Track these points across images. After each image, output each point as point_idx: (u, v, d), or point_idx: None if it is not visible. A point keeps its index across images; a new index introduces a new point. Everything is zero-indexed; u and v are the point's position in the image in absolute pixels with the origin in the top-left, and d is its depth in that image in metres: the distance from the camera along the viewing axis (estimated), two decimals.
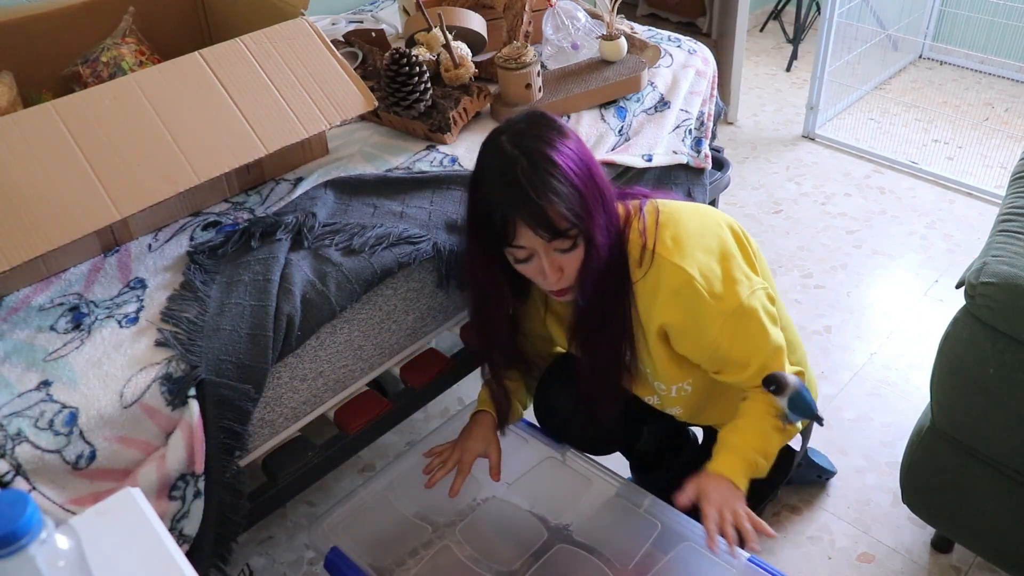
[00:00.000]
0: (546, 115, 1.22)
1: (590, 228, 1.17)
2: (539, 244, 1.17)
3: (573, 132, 1.22)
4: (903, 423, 1.90)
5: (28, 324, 1.25)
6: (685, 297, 1.20)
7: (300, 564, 1.68)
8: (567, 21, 1.92)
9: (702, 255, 1.22)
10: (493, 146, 1.19)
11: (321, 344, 1.35)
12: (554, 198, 1.13)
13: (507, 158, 1.15)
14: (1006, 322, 1.20)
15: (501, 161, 1.16)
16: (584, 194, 1.16)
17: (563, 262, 1.19)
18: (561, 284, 1.22)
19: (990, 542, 1.43)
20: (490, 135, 1.21)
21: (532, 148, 1.15)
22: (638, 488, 1.37)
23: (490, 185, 1.17)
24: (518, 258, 1.20)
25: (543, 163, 1.14)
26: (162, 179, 1.32)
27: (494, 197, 1.16)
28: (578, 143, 1.20)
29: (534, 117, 1.21)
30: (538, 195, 1.13)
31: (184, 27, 1.86)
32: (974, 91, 3.33)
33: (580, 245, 1.18)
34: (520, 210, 1.14)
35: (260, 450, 1.35)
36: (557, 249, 1.17)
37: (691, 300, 1.20)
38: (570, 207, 1.14)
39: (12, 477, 1.07)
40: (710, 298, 1.20)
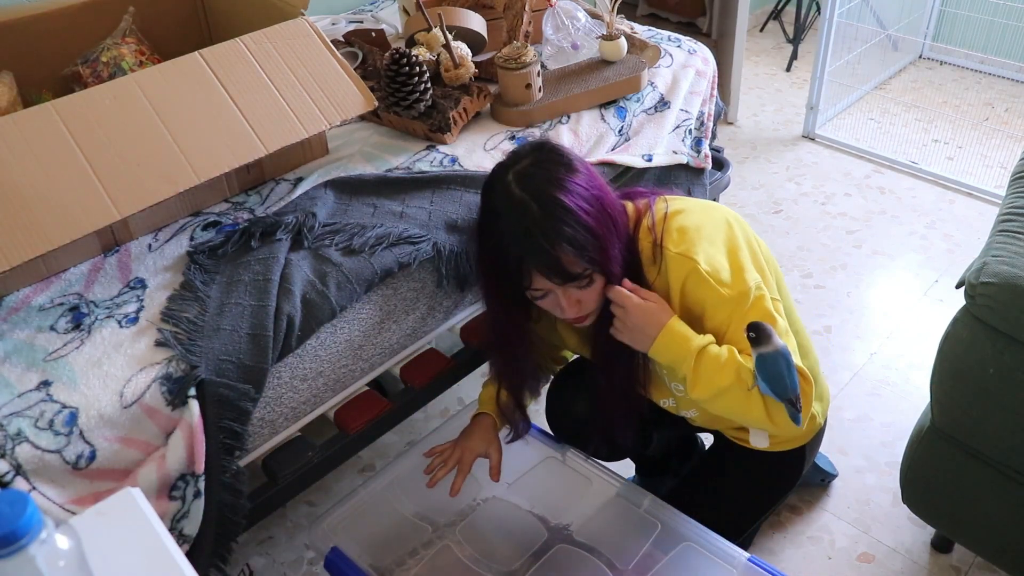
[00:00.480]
0: (553, 148, 1.20)
1: (605, 265, 1.17)
2: (556, 287, 1.17)
3: (581, 162, 1.20)
4: (903, 423, 1.90)
5: (28, 324, 1.25)
6: (692, 285, 1.20)
7: (300, 564, 1.68)
8: (567, 21, 1.92)
9: (708, 245, 1.22)
10: (500, 188, 1.16)
11: (321, 344, 1.35)
12: (567, 247, 1.12)
13: (517, 204, 1.13)
14: (1006, 322, 1.20)
15: (511, 207, 1.14)
16: (598, 233, 1.15)
17: (580, 296, 1.19)
18: (579, 315, 1.22)
19: (990, 542, 1.43)
20: (495, 173, 1.19)
21: (542, 192, 1.13)
22: (638, 488, 1.37)
23: (502, 232, 1.16)
24: (535, 296, 1.21)
25: (555, 209, 1.12)
26: (162, 179, 1.32)
27: (507, 244, 1.15)
28: (587, 175, 1.18)
29: (541, 152, 1.18)
30: (552, 245, 1.11)
31: (184, 27, 1.86)
32: (974, 91, 3.33)
33: (597, 281, 1.18)
34: (534, 259, 1.13)
35: (260, 450, 1.35)
36: (573, 287, 1.18)
37: (698, 288, 1.20)
38: (584, 252, 1.13)
39: (12, 477, 1.07)
40: (717, 285, 1.19)
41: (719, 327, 1.22)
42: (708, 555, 1.25)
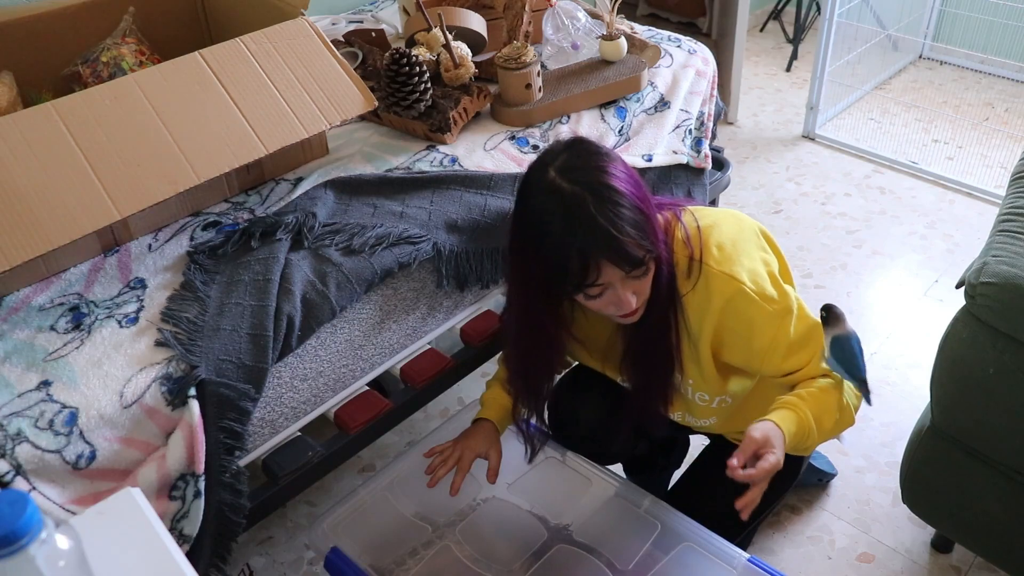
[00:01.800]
0: (586, 140, 1.18)
1: (657, 248, 1.15)
2: (618, 277, 1.13)
3: (613, 151, 1.19)
4: (903, 423, 1.90)
5: (28, 324, 1.25)
6: (739, 305, 1.19)
7: (300, 564, 1.68)
8: (567, 21, 1.92)
9: (747, 260, 1.21)
10: (545, 186, 1.11)
11: (321, 344, 1.35)
12: (631, 230, 1.09)
13: (571, 196, 1.09)
14: (1006, 322, 1.20)
15: (564, 201, 1.09)
16: (648, 215, 1.14)
17: (637, 287, 1.16)
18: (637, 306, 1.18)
19: (990, 542, 1.43)
20: (535, 173, 1.15)
21: (592, 181, 1.10)
22: (638, 488, 1.37)
23: (560, 230, 1.09)
24: (591, 295, 1.15)
25: (611, 194, 1.10)
26: (162, 179, 1.32)
27: (567, 241, 1.10)
28: (623, 162, 1.17)
29: (576, 145, 1.16)
30: (619, 231, 1.08)
31: (184, 27, 1.86)
32: (974, 91, 3.33)
33: (651, 268, 1.16)
34: (602, 249, 1.09)
35: (260, 450, 1.35)
36: (633, 277, 1.15)
37: (745, 308, 1.19)
38: (644, 234, 1.12)
39: (12, 477, 1.07)
40: (763, 302, 1.19)
41: (768, 344, 1.21)
42: (708, 555, 1.25)
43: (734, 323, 1.22)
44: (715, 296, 1.20)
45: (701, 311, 1.22)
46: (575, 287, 1.13)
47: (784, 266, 1.32)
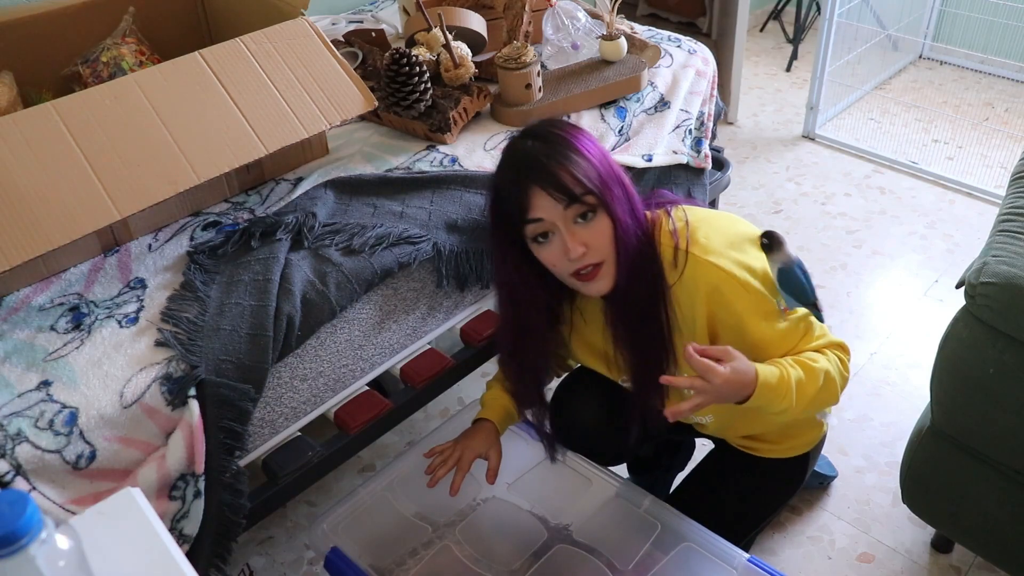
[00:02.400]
0: (562, 119, 1.27)
1: (608, 197, 1.18)
2: (557, 215, 1.16)
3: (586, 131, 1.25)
4: (903, 423, 1.90)
5: (28, 324, 1.25)
6: (726, 293, 1.20)
7: (300, 564, 1.68)
8: (567, 21, 1.92)
9: (736, 254, 1.22)
10: (511, 144, 1.25)
11: (321, 344, 1.35)
12: (567, 163, 1.16)
13: (522, 146, 1.21)
14: (1006, 322, 1.20)
15: (516, 149, 1.22)
16: (598, 167, 1.19)
17: (585, 235, 1.17)
18: (587, 259, 1.18)
19: (990, 542, 1.43)
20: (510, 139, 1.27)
21: (546, 132, 1.20)
22: (638, 488, 1.37)
23: (505, 169, 1.22)
24: (537, 235, 1.19)
25: (556, 141, 1.19)
26: (162, 179, 1.32)
27: (508, 176, 1.20)
28: (593, 140, 1.24)
29: (550, 119, 1.26)
30: (549, 161, 1.16)
31: (184, 27, 1.86)
32: (974, 91, 3.33)
33: (601, 217, 1.18)
34: (533, 177, 1.16)
35: (260, 450, 1.35)
36: (576, 217, 1.17)
37: (732, 297, 1.20)
38: (583, 172, 1.17)
39: (12, 477, 1.07)
40: (748, 294, 1.20)
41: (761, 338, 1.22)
42: (708, 555, 1.25)
43: (723, 314, 1.22)
44: (700, 284, 1.21)
45: (691, 301, 1.23)
46: (518, 222, 1.19)
47: None
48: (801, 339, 1.25)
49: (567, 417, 1.46)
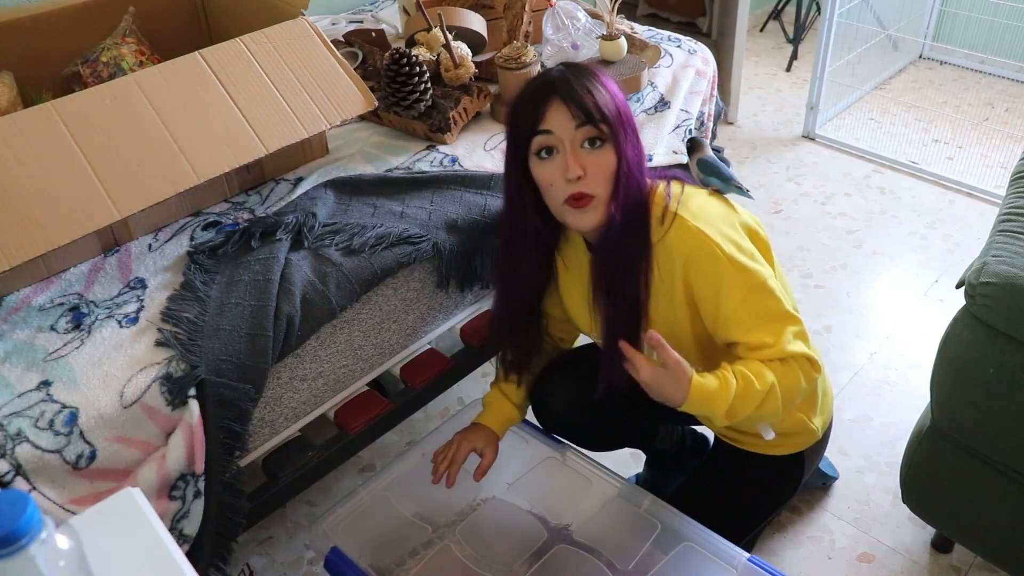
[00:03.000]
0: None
1: (620, 135, 1.19)
2: (567, 131, 1.17)
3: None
4: (903, 423, 1.90)
5: (28, 324, 1.25)
6: (707, 261, 1.19)
7: (300, 564, 1.68)
8: (567, 21, 1.92)
9: (726, 228, 1.22)
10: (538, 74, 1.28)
11: (321, 344, 1.35)
12: (592, 88, 1.18)
13: (548, 71, 1.23)
14: (1006, 322, 1.20)
15: (543, 73, 1.24)
16: (620, 107, 1.20)
17: (587, 161, 1.18)
18: (582, 185, 1.18)
19: (990, 542, 1.43)
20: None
21: (575, 64, 1.24)
22: (638, 488, 1.37)
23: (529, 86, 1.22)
24: (543, 148, 1.19)
25: (584, 71, 1.21)
26: (162, 179, 1.32)
27: (530, 90, 1.21)
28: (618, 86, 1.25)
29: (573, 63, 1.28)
30: (575, 81, 1.18)
31: (184, 27, 1.86)
32: (974, 91, 3.33)
33: (607, 150, 1.18)
34: (555, 89, 1.18)
35: (260, 450, 1.35)
36: (584, 140, 1.18)
37: (713, 264, 1.18)
38: (605, 102, 1.18)
39: (12, 477, 1.07)
40: (731, 267, 1.18)
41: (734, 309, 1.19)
42: (708, 555, 1.25)
43: (701, 284, 1.20)
44: (682, 247, 1.20)
45: (671, 263, 1.22)
46: (529, 131, 1.19)
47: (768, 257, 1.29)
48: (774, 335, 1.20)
49: (544, 401, 1.47)
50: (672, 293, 1.25)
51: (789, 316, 1.22)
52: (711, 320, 1.23)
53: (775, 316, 1.21)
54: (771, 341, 1.19)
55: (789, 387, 1.19)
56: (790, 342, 1.20)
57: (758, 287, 1.19)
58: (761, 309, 1.20)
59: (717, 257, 1.18)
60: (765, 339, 1.19)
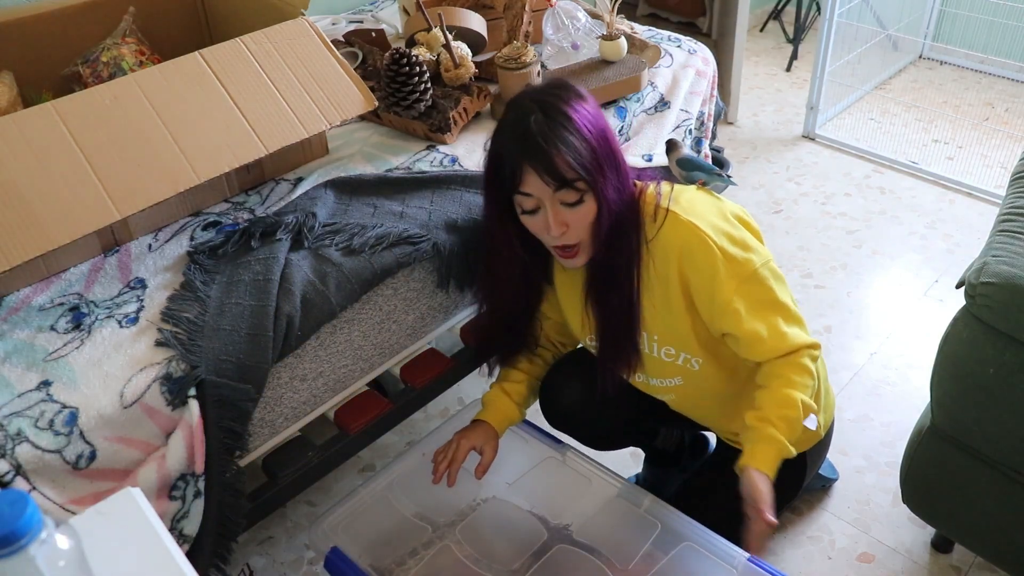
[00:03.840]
0: (568, 82, 1.26)
1: (599, 183, 1.19)
2: (546, 194, 1.18)
3: (593, 100, 1.25)
4: (903, 423, 1.90)
5: (28, 324, 1.25)
6: (700, 254, 1.21)
7: (300, 564, 1.68)
8: (567, 21, 1.92)
9: (718, 219, 1.24)
10: (514, 102, 1.24)
11: (321, 344, 1.35)
12: (562, 147, 1.16)
13: (523, 110, 1.20)
14: (1006, 322, 1.20)
15: (517, 113, 1.21)
16: (595, 149, 1.19)
17: (569, 217, 1.20)
18: (565, 239, 1.22)
19: (990, 542, 1.43)
20: (514, 96, 1.26)
21: (548, 103, 1.20)
22: (638, 488, 1.37)
23: (503, 134, 1.22)
24: (525, 208, 1.22)
25: (556, 115, 1.18)
26: (162, 179, 1.32)
27: (506, 144, 1.20)
28: (595, 109, 1.24)
29: (556, 81, 1.26)
30: (547, 142, 1.16)
31: (184, 27, 1.86)
32: (974, 91, 3.33)
33: (588, 202, 1.19)
34: (528, 156, 1.17)
35: (260, 450, 1.35)
36: (563, 202, 1.19)
37: (706, 257, 1.21)
38: (579, 159, 1.17)
39: (12, 477, 1.07)
40: (723, 258, 1.20)
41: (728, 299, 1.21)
42: (708, 555, 1.25)
43: (696, 277, 1.23)
44: (676, 242, 1.23)
45: (665, 258, 1.24)
46: (509, 190, 1.21)
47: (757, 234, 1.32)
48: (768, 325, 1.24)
49: (552, 398, 1.48)
50: (668, 289, 1.26)
51: (780, 304, 1.25)
52: (707, 311, 1.26)
53: (767, 304, 1.24)
54: (765, 333, 1.23)
55: (807, 384, 1.24)
56: (783, 335, 1.24)
57: (750, 276, 1.23)
58: (753, 298, 1.23)
59: (710, 249, 1.21)
60: (759, 330, 1.23)
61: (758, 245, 1.26)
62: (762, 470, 1.19)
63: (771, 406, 1.22)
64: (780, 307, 1.25)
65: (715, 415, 1.46)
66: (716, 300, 1.22)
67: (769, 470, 1.20)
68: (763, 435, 1.21)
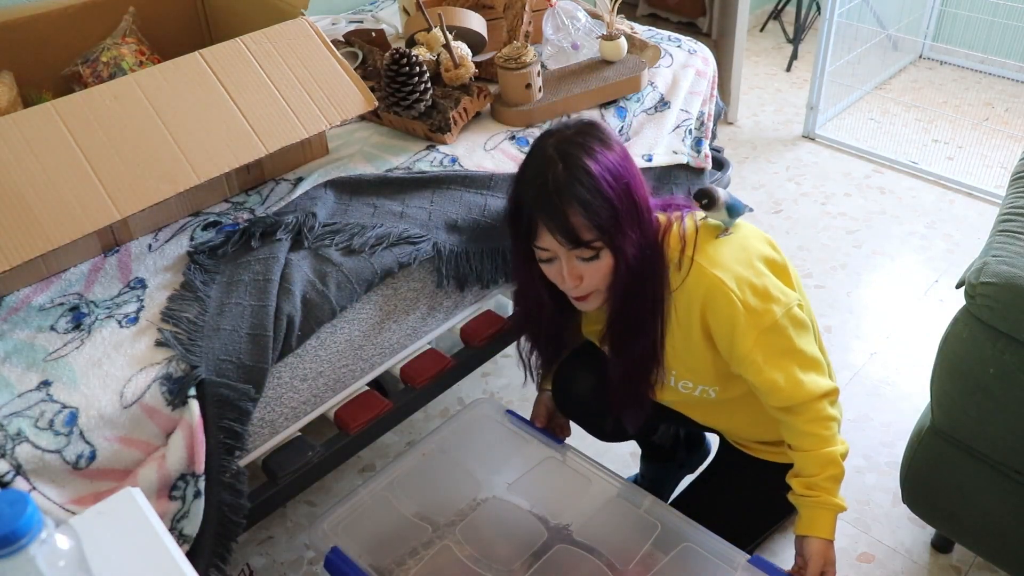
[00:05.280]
0: (598, 126, 1.23)
1: (617, 242, 1.17)
2: (561, 251, 1.18)
3: (621, 146, 1.22)
4: (903, 423, 1.90)
5: (28, 324, 1.25)
6: (722, 306, 1.20)
7: (300, 564, 1.68)
8: (567, 21, 1.92)
9: (741, 268, 1.22)
10: (538, 147, 1.21)
11: (321, 344, 1.35)
12: (579, 208, 1.14)
13: (545, 160, 1.17)
14: (1006, 322, 1.20)
15: (539, 162, 1.18)
16: (616, 207, 1.16)
17: (584, 271, 1.20)
18: (579, 292, 1.23)
19: (990, 542, 1.43)
20: (540, 136, 1.23)
21: (571, 154, 1.16)
22: (638, 488, 1.37)
23: (524, 183, 1.20)
24: (541, 258, 1.22)
25: (577, 172, 1.15)
26: (162, 179, 1.32)
27: (525, 195, 1.19)
28: (622, 158, 1.20)
29: (584, 126, 1.22)
30: (563, 201, 1.14)
31: (184, 27, 1.86)
32: (974, 91, 3.33)
33: (604, 258, 1.19)
34: (543, 213, 1.15)
35: (260, 450, 1.35)
36: (579, 258, 1.18)
37: (728, 309, 1.20)
38: (596, 219, 1.14)
39: (12, 477, 1.07)
40: (744, 311, 1.20)
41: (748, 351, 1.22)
42: (708, 555, 1.25)
43: (716, 325, 1.23)
44: (700, 292, 1.22)
45: (688, 307, 1.24)
46: (525, 240, 1.21)
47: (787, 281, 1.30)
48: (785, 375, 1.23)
49: (566, 387, 1.49)
50: (690, 333, 1.27)
51: (797, 352, 1.25)
52: (727, 356, 1.26)
53: (785, 353, 1.24)
54: (782, 382, 1.23)
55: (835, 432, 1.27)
56: (800, 383, 1.24)
57: (769, 328, 1.22)
58: (772, 348, 1.23)
59: (732, 303, 1.20)
60: (776, 379, 1.23)
61: (782, 291, 1.24)
62: (825, 537, 1.25)
63: (814, 469, 1.26)
64: (797, 355, 1.25)
65: (727, 424, 1.47)
66: (735, 351, 1.23)
67: (831, 535, 1.25)
68: (817, 503, 1.25)
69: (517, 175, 1.23)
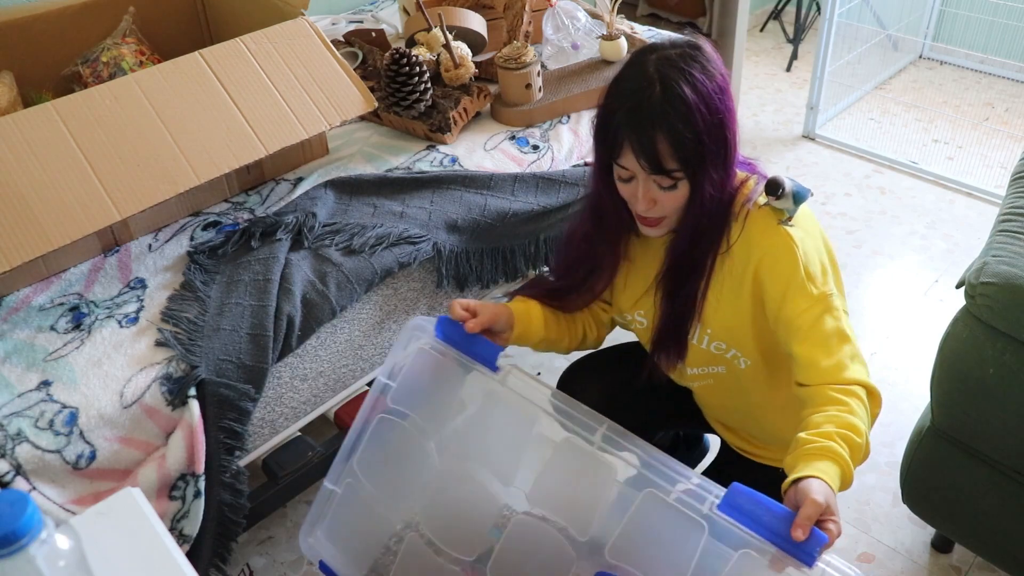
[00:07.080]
0: (703, 49, 1.18)
1: (698, 176, 1.14)
2: (641, 172, 1.15)
3: (722, 75, 1.17)
4: (903, 423, 1.90)
5: (28, 324, 1.25)
6: (785, 263, 1.17)
7: (300, 564, 1.68)
8: (567, 21, 1.92)
9: (810, 240, 1.20)
10: (639, 61, 1.16)
11: (321, 344, 1.35)
12: (667, 136, 1.11)
13: (644, 79, 1.13)
14: (1006, 322, 1.20)
15: (638, 80, 1.13)
16: (704, 142, 1.13)
17: (659, 196, 1.16)
18: (651, 213, 1.19)
19: (990, 542, 1.43)
20: (642, 49, 1.18)
21: (670, 77, 1.12)
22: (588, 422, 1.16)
23: (618, 98, 1.15)
24: (620, 176, 1.19)
25: (673, 99, 1.11)
26: (162, 179, 1.32)
27: (616, 112, 1.15)
28: (721, 88, 1.16)
29: (690, 47, 1.17)
30: (654, 126, 1.11)
31: (184, 27, 1.86)
32: (974, 91, 3.33)
33: (681, 189, 1.15)
34: (632, 133, 1.12)
35: (260, 450, 1.35)
36: (658, 184, 1.15)
37: (789, 267, 1.16)
38: (682, 151, 1.12)
39: (12, 477, 1.07)
40: (805, 275, 1.16)
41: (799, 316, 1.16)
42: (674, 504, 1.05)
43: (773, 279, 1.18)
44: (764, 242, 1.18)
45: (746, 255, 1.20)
46: (608, 154, 1.17)
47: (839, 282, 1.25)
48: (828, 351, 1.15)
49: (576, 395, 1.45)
50: (741, 283, 1.22)
51: (845, 336, 1.17)
52: (773, 318, 1.21)
53: (833, 332, 1.17)
54: (823, 358, 1.15)
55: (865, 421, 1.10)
56: (845, 367, 1.14)
57: (821, 299, 1.17)
58: (820, 322, 1.17)
59: (795, 263, 1.16)
60: (818, 354, 1.15)
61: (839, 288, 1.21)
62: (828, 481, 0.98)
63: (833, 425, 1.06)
64: (844, 338, 1.16)
65: (736, 417, 1.42)
66: (784, 311, 1.18)
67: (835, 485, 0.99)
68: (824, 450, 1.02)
69: (611, 86, 1.17)
